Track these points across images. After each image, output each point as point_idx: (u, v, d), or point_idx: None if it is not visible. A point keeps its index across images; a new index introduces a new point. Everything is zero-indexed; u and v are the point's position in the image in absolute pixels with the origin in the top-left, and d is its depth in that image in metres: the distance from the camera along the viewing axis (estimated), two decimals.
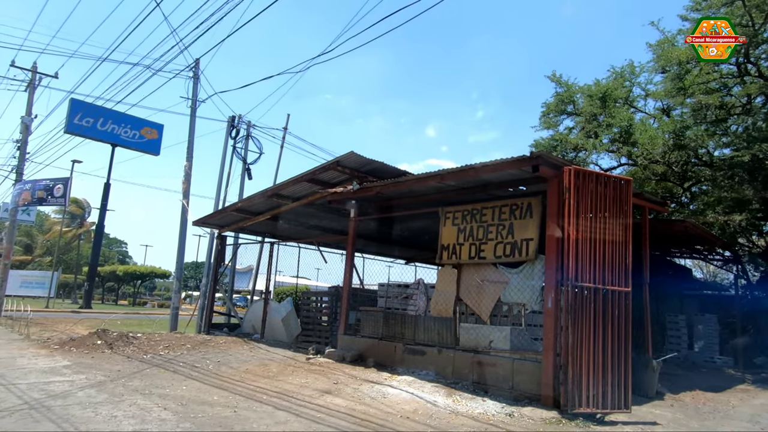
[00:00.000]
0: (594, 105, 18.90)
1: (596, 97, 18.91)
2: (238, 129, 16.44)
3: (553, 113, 21.86)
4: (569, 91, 20.72)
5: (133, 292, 52.77)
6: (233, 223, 14.03)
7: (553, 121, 21.12)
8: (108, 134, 36.64)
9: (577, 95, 20.73)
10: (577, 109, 21.17)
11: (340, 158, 9.61)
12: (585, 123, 20.59)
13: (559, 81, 21.49)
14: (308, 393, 6.87)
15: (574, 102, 20.91)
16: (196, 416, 5.38)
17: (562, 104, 21.25)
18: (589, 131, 19.62)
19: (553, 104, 21.16)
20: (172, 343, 10.92)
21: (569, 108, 21.45)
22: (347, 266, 10.58)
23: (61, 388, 6.49)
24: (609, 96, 18.52)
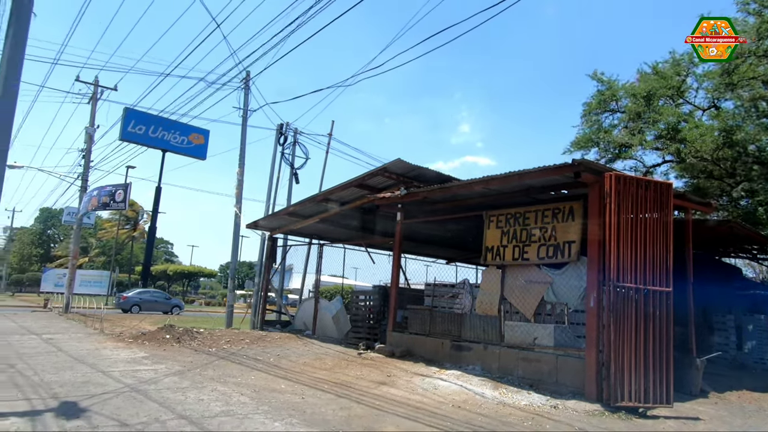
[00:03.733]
0: (638, 103, 18.77)
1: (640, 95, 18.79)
2: (285, 136, 17.31)
3: (594, 111, 21.80)
4: (611, 89, 20.63)
5: (181, 290, 55.12)
6: (284, 225, 14.83)
7: (594, 119, 21.08)
8: (159, 140, 38.45)
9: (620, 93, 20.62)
10: (620, 106, 21.06)
11: (387, 165, 10.18)
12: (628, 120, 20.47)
13: (601, 79, 21.41)
14: (365, 384, 7.47)
15: (616, 100, 20.81)
16: (270, 401, 6.06)
17: (604, 102, 21.18)
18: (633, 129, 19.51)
19: (595, 102, 21.10)
20: (232, 338, 11.77)
21: (611, 105, 21.36)
22: (394, 267, 11.15)
23: (148, 375, 7.33)
24: (654, 95, 18.38)
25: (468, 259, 18.12)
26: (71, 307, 21.59)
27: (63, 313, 20.14)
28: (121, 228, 46.60)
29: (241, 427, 4.83)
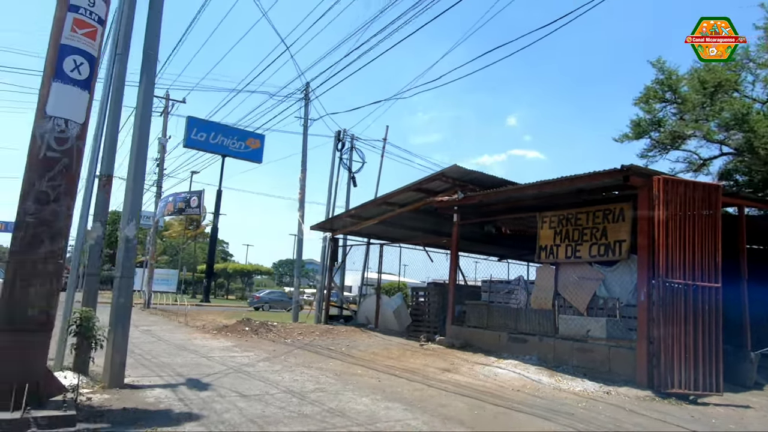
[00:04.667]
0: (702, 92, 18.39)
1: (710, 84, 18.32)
2: (343, 142, 18.40)
3: (651, 100, 21.54)
4: (670, 78, 20.34)
5: (240, 287, 57.84)
6: (345, 227, 15.90)
7: (648, 108, 20.86)
8: (219, 146, 40.83)
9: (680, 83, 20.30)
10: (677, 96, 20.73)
11: (445, 170, 10.98)
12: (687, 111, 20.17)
13: (662, 68, 21.06)
14: (431, 370, 8.33)
15: (674, 90, 20.52)
16: (352, 382, 7.02)
17: (661, 92, 20.91)
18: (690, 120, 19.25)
19: (652, 91, 20.85)
20: (303, 331, 12.92)
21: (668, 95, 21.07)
22: (452, 265, 11.94)
23: (243, 360, 8.49)
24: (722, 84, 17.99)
25: (520, 257, 18.60)
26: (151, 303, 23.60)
27: (144, 308, 22.10)
28: (185, 229, 49.54)
29: (336, 400, 5.80)
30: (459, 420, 5.17)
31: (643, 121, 19.07)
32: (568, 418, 5.58)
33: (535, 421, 5.40)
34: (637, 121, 19.21)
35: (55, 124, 4.38)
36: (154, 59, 6.37)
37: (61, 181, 4.37)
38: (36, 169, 4.31)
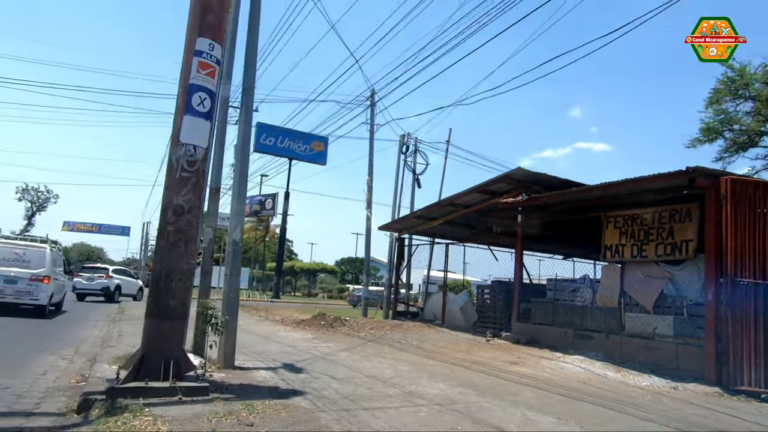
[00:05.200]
0: None
1: None
2: (407, 145, 19.13)
3: (722, 99, 20.77)
4: (743, 76, 19.56)
5: (307, 285, 60.17)
6: (411, 227, 16.61)
7: (720, 108, 20.14)
8: (286, 150, 42.81)
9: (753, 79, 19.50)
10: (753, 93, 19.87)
11: (509, 173, 11.40)
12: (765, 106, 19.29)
13: (732, 66, 20.31)
14: (498, 363, 8.86)
15: (747, 86, 19.70)
16: (426, 371, 7.70)
17: (734, 89, 20.13)
18: None
19: (723, 91, 20.15)
20: (374, 325, 13.76)
21: (742, 92, 20.23)
22: (517, 263, 12.33)
23: (325, 350, 9.40)
24: None
25: (585, 255, 18.54)
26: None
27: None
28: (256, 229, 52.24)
29: (414, 384, 6.50)
30: (528, 405, 5.71)
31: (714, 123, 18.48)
32: (633, 408, 5.97)
33: (599, 410, 5.83)
34: (706, 126, 18.67)
35: (186, 149, 5.36)
36: (251, 92, 7.39)
37: (192, 195, 5.35)
38: (173, 186, 5.31)
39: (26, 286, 12.65)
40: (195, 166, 5.40)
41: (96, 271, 22.16)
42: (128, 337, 9.55)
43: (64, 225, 56.93)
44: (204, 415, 4.30)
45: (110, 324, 12.57)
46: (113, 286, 21.62)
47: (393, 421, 4.58)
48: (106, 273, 21.97)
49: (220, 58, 5.78)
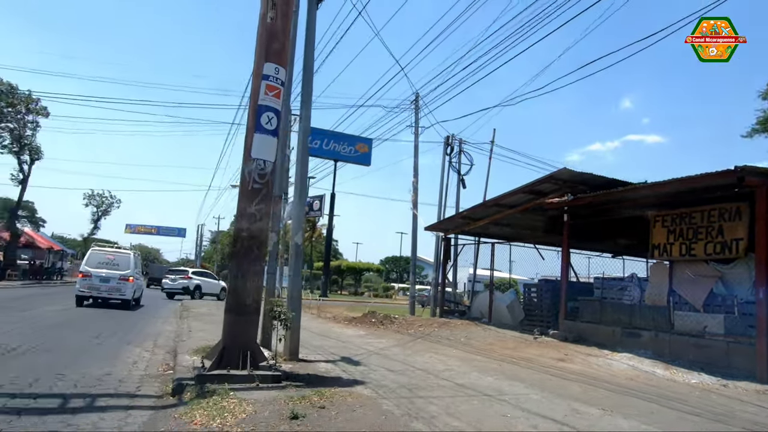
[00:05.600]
0: None
1: None
2: (452, 146, 19.47)
3: None
4: None
5: (353, 284, 61.25)
6: (457, 227, 16.95)
7: None
8: (331, 152, 43.80)
9: None
10: None
11: (554, 173, 11.59)
12: None
13: None
14: (546, 360, 9.13)
15: None
16: (475, 366, 8.10)
17: None
18: None
19: None
20: (423, 323, 14.22)
21: None
22: (563, 262, 12.49)
23: (378, 345, 9.94)
24: None
25: (634, 253, 18.31)
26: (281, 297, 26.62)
27: None
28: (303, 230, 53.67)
29: (464, 378, 6.93)
30: (574, 397, 6.03)
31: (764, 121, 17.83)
32: (679, 403, 6.17)
33: (644, 404, 6.07)
34: (765, 117, 17.99)
35: (257, 164, 6.01)
36: (308, 104, 7.99)
37: (263, 205, 5.99)
38: (246, 197, 5.97)
39: (116, 284, 15.89)
40: (265, 178, 6.04)
41: (179, 274, 27.30)
42: (197, 332, 10.44)
43: (126, 228, 60.51)
44: (280, 399, 4.90)
45: (178, 320, 13.62)
46: (192, 285, 25.91)
47: (448, 407, 5.04)
48: (186, 275, 26.87)
49: (284, 80, 6.41)
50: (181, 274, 27.26)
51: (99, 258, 16.31)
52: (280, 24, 6.30)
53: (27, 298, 18.43)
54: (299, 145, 8.05)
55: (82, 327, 10.68)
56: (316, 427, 4.06)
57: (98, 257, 16.41)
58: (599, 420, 5.01)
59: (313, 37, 8.08)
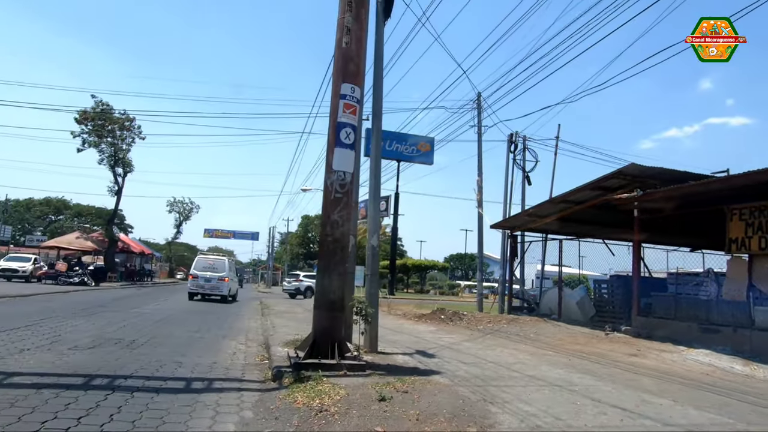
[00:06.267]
0: None
1: None
2: (516, 143, 19.50)
3: None
4: None
5: (418, 281, 61.82)
6: (523, 224, 17.05)
7: None
8: (393, 152, 44.34)
9: None
10: None
11: (622, 169, 11.53)
12: None
13: None
14: (617, 355, 9.23)
15: None
16: (545, 360, 8.39)
17: None
18: None
19: None
20: (491, 319, 14.52)
21: None
22: (634, 258, 12.36)
23: (449, 340, 10.43)
24: None
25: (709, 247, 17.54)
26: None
27: None
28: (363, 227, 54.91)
29: (534, 370, 7.28)
30: (645, 389, 6.24)
31: None
32: (754, 397, 6.21)
33: (717, 397, 6.16)
34: None
35: (338, 175, 6.69)
36: (379, 116, 8.63)
37: (345, 212, 6.67)
38: (329, 205, 6.67)
39: (215, 283, 20.66)
40: (345, 188, 6.72)
41: (294, 277, 33.18)
42: (280, 328, 11.43)
43: (205, 232, 64.68)
44: (367, 384, 5.54)
45: (261, 318, 14.76)
46: (303, 287, 30.67)
47: (519, 395, 5.46)
48: (297, 278, 32.35)
49: (359, 98, 7.05)
50: (294, 277, 32.91)
51: (203, 263, 21.13)
52: (354, 48, 6.95)
53: (128, 297, 20.53)
54: (372, 156, 8.68)
55: (182, 323, 11.97)
56: (402, 407, 4.64)
57: (202, 263, 21.18)
58: (668, 409, 5.24)
59: (381, 54, 8.70)
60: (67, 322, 10.50)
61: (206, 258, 22.01)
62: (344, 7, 6.95)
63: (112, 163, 31.59)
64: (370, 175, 8.60)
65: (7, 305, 13.71)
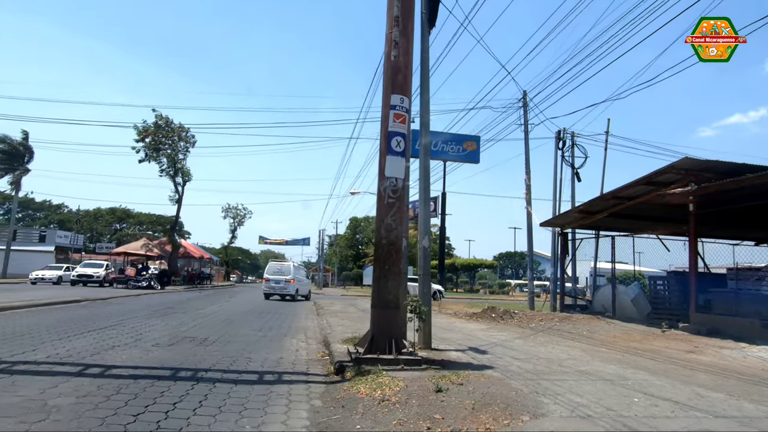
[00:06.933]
0: None
1: None
2: (564, 140, 19.31)
3: None
4: None
5: (467, 281, 61.55)
6: (573, 221, 16.90)
7: None
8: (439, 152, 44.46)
9: None
10: None
11: (675, 163, 11.35)
12: None
13: None
14: (673, 352, 9.17)
15: None
16: (598, 356, 8.48)
17: None
18: None
19: None
20: (543, 317, 14.54)
21: None
22: (691, 253, 12.10)
23: (501, 337, 10.63)
24: None
25: None
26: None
27: None
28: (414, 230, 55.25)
29: (587, 366, 7.41)
30: (699, 384, 6.29)
31: None
32: None
33: None
34: None
35: (390, 182, 7.11)
36: (427, 125, 9.00)
37: (397, 216, 7.08)
38: (383, 210, 7.10)
39: (284, 285, 25.01)
40: (397, 193, 7.13)
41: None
42: (336, 327, 11.96)
43: (260, 239, 67.35)
44: (424, 378, 5.91)
45: (317, 317, 15.41)
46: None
47: (571, 388, 5.68)
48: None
49: (408, 107, 7.45)
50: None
51: (273, 268, 25.49)
52: (402, 60, 7.35)
53: (192, 300, 21.82)
54: (421, 164, 9.05)
55: (245, 323, 12.74)
56: (458, 398, 4.99)
57: (273, 267, 25.59)
58: (722, 403, 5.32)
59: (427, 61, 9.05)
60: (145, 322, 11.46)
61: (275, 264, 26.10)
62: (392, 23, 7.36)
63: (172, 173, 33.48)
64: (419, 179, 8.97)
65: (89, 308, 15.01)
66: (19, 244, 43.34)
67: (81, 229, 63.88)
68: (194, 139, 33.30)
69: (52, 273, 30.55)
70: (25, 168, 39.25)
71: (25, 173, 39.33)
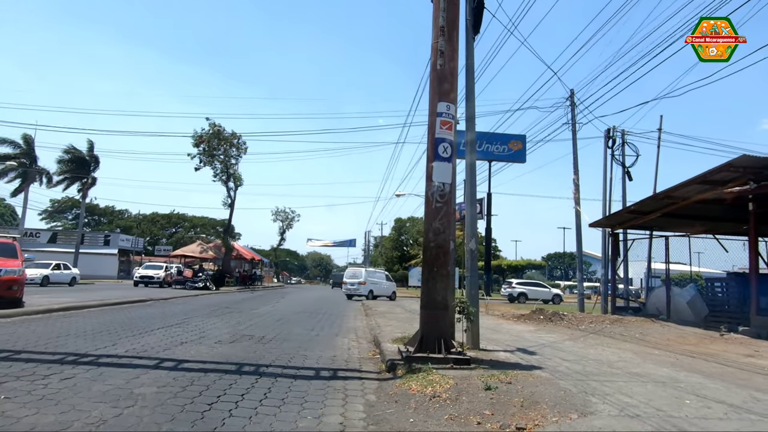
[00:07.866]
0: None
1: None
2: (614, 139, 18.89)
3: None
4: None
5: None
6: (624, 222, 16.53)
7: None
8: (484, 152, 44.22)
9: None
10: None
11: (732, 161, 10.97)
12: None
13: None
14: (731, 355, 8.93)
15: None
16: (650, 359, 8.38)
17: None
18: None
19: None
20: (593, 320, 14.34)
21: None
22: (751, 254, 11.66)
23: (550, 339, 10.64)
24: None
25: None
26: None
27: None
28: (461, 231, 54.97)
29: (638, 368, 7.38)
30: (756, 388, 6.18)
31: None
32: None
33: None
34: None
35: (437, 186, 7.36)
36: (472, 124, 9.17)
37: (445, 219, 7.32)
38: (431, 214, 7.35)
39: (356, 286, 29.64)
40: (444, 198, 7.36)
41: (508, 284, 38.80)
42: (384, 327, 12.28)
43: (308, 241, 69.29)
44: (473, 376, 6.12)
45: (366, 318, 15.81)
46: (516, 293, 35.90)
47: (620, 389, 5.74)
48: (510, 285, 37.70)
49: (454, 114, 7.67)
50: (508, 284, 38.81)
51: (349, 273, 31.44)
52: (448, 68, 7.58)
53: (246, 300, 22.76)
54: (467, 169, 9.23)
55: (298, 323, 13.28)
56: (507, 395, 5.17)
57: (349, 272, 31.84)
58: None
59: (472, 67, 9.24)
60: (206, 320, 12.19)
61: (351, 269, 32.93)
62: (437, 33, 7.61)
63: (224, 178, 34.94)
64: (465, 181, 9.15)
65: (154, 307, 16.03)
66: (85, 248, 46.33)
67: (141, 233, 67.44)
68: (246, 145, 34.69)
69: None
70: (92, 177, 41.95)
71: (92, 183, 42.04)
